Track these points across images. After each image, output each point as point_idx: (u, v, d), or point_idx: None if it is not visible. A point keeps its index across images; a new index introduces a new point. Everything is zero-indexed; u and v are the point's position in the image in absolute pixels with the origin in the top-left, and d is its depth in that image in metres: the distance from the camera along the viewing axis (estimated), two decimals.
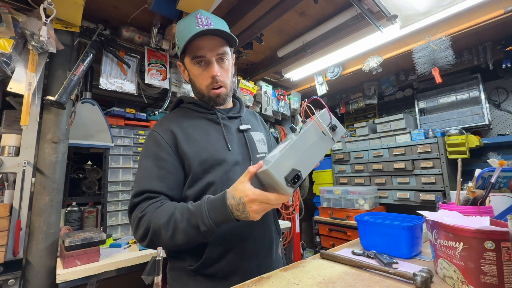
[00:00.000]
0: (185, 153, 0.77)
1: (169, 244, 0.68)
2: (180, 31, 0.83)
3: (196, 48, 0.80)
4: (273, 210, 0.93)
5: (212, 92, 0.84)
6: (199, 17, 0.80)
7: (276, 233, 0.92)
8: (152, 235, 0.69)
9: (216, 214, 0.65)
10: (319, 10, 1.73)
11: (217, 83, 0.83)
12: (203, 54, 0.80)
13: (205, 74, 0.82)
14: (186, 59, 0.85)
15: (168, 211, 0.69)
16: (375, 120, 2.69)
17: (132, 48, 1.76)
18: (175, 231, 0.67)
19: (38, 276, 1.24)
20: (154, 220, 0.68)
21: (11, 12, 1.26)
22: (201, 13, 0.82)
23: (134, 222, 0.72)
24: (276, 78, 2.64)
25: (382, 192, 2.48)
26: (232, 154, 0.82)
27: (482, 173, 0.77)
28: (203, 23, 0.79)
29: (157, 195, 0.74)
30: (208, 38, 0.80)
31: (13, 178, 1.25)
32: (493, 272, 0.53)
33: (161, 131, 0.81)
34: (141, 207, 0.72)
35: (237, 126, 0.90)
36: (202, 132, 0.83)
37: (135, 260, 1.34)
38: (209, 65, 0.82)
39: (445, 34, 1.81)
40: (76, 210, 1.67)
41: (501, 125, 2.33)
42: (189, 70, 0.86)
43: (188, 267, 0.76)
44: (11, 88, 1.23)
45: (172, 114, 0.89)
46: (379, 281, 0.65)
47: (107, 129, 1.66)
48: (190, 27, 0.79)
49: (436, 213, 0.71)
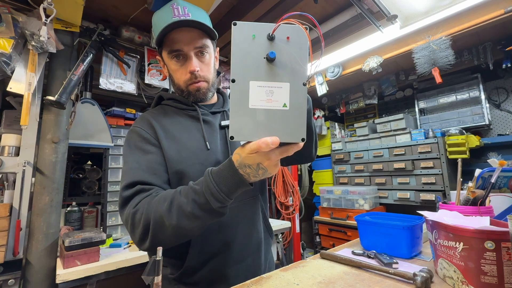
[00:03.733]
0: (166, 150, 0.72)
1: (176, 235, 0.59)
2: (155, 23, 0.77)
3: (172, 41, 0.74)
4: (262, 208, 0.86)
5: (191, 87, 0.78)
6: (175, 7, 0.74)
7: (266, 233, 0.86)
8: (154, 229, 0.59)
9: (227, 183, 0.55)
10: (319, 10, 1.73)
11: (197, 79, 0.77)
12: (179, 47, 0.74)
13: (183, 69, 0.77)
14: (163, 53, 0.79)
15: (167, 197, 0.60)
16: (375, 120, 2.69)
17: (132, 48, 1.76)
18: (180, 218, 0.57)
19: (38, 276, 1.24)
20: (154, 210, 0.59)
21: (11, 12, 1.26)
22: (178, 2, 0.76)
23: (129, 221, 0.62)
24: None
25: (382, 192, 2.48)
26: (211, 153, 0.76)
27: (482, 173, 0.77)
28: (180, 13, 0.73)
29: (150, 187, 0.66)
30: (185, 30, 0.73)
31: (13, 178, 1.25)
32: (493, 272, 0.53)
33: (143, 125, 0.76)
34: (133, 203, 0.63)
35: (219, 122, 0.83)
36: (182, 130, 0.77)
37: (135, 260, 1.34)
38: (187, 60, 0.76)
39: (445, 34, 1.81)
40: (76, 210, 1.66)
41: (501, 125, 2.33)
42: (168, 64, 0.79)
43: (170, 275, 0.72)
44: (11, 88, 1.23)
45: (153, 111, 0.84)
46: (379, 281, 0.65)
47: (107, 129, 1.66)
48: (166, 18, 0.73)
49: (436, 213, 0.71)
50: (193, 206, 0.57)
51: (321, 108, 3.34)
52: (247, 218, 0.79)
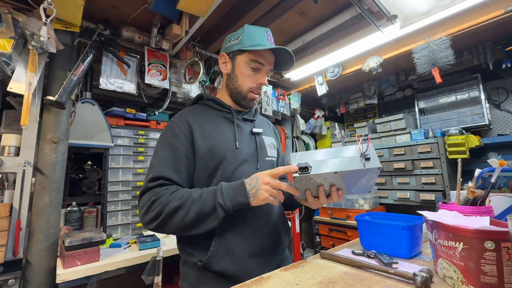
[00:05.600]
0: (199, 146, 0.83)
1: (180, 225, 0.72)
2: (250, 33, 0.90)
3: (261, 55, 0.89)
4: (281, 211, 0.98)
5: (251, 95, 0.92)
6: (268, 34, 0.92)
7: (284, 231, 0.95)
8: (165, 216, 0.72)
9: (234, 191, 0.73)
10: (319, 10, 1.73)
11: (259, 90, 0.93)
12: (263, 62, 0.90)
13: (254, 78, 0.90)
14: (242, 56, 0.90)
15: (184, 194, 0.75)
16: (375, 120, 2.69)
17: (132, 48, 1.76)
18: (189, 210, 0.72)
19: (38, 276, 1.24)
20: (171, 202, 0.73)
21: (11, 12, 1.26)
22: (270, 32, 0.94)
23: (146, 205, 0.75)
24: (276, 78, 2.64)
25: (382, 192, 2.48)
26: (240, 153, 0.87)
27: (482, 173, 0.77)
28: (270, 41, 0.92)
29: (171, 183, 0.79)
30: (270, 54, 0.92)
31: (13, 178, 1.25)
32: (493, 272, 0.53)
33: (179, 123, 0.86)
34: (155, 191, 0.76)
35: (251, 129, 0.96)
36: (216, 129, 0.88)
37: (135, 260, 1.34)
38: (261, 73, 0.91)
39: (445, 34, 1.81)
40: (76, 210, 1.66)
41: (501, 125, 2.33)
42: (239, 66, 0.91)
43: (199, 262, 0.79)
44: (11, 88, 1.23)
45: (191, 108, 0.94)
46: (379, 281, 0.65)
47: (107, 129, 1.66)
48: (262, 37, 0.90)
49: (436, 213, 0.71)
50: (202, 202, 0.73)
51: (321, 108, 3.34)
52: (268, 216, 0.89)
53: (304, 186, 0.73)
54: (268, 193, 0.71)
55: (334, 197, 0.74)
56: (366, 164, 0.67)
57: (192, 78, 1.99)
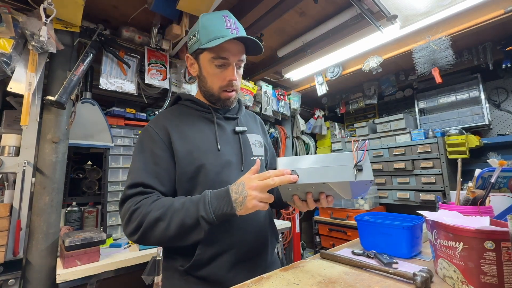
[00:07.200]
0: (177, 150, 0.78)
1: (162, 237, 0.67)
2: (205, 26, 0.80)
3: (222, 49, 0.79)
4: (269, 213, 0.93)
5: (224, 94, 0.85)
6: (227, 19, 0.81)
7: (271, 235, 0.91)
8: (146, 228, 0.67)
9: (218, 201, 0.65)
10: (319, 10, 1.73)
11: (232, 87, 0.84)
12: (227, 56, 0.80)
13: (222, 76, 0.82)
14: (204, 55, 0.82)
15: (165, 203, 0.69)
16: (375, 120, 2.69)
17: (132, 48, 1.76)
18: (170, 222, 0.66)
19: (38, 276, 1.24)
20: (151, 212, 0.67)
21: (11, 12, 1.26)
22: (229, 15, 0.83)
23: (126, 215, 0.70)
24: (276, 78, 2.64)
25: (382, 192, 2.48)
26: (222, 155, 0.81)
27: (482, 173, 0.77)
28: (231, 26, 0.80)
29: (151, 190, 0.74)
30: (235, 43, 0.80)
31: (13, 178, 1.24)
32: (493, 272, 0.53)
33: (156, 126, 0.81)
34: (135, 200, 0.71)
35: (233, 127, 0.89)
36: (195, 130, 0.83)
37: (135, 260, 1.34)
38: (228, 68, 0.82)
39: (445, 34, 1.81)
40: (76, 210, 1.66)
41: (501, 125, 2.33)
42: (204, 66, 0.84)
43: (180, 267, 0.75)
44: (11, 88, 1.23)
45: (169, 110, 0.89)
46: (379, 281, 0.65)
47: (107, 129, 1.66)
48: (219, 26, 0.79)
49: (436, 213, 0.71)
50: (185, 213, 0.66)
51: (321, 108, 3.34)
52: (256, 221, 0.84)
53: (291, 192, 0.70)
54: (256, 200, 0.63)
55: (323, 203, 0.70)
56: (357, 176, 0.62)
57: (192, 78, 2.00)
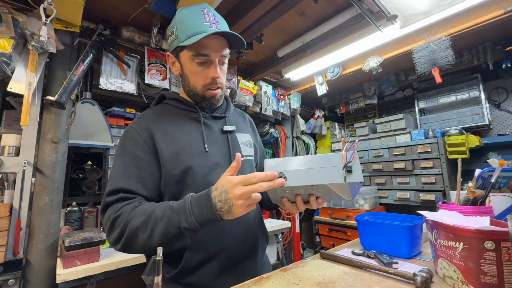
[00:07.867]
0: (162, 151, 0.73)
1: (146, 246, 0.63)
2: (182, 22, 0.76)
3: (202, 46, 0.74)
4: (259, 212, 0.90)
5: (208, 92, 0.80)
6: (206, 13, 0.76)
7: (261, 238, 0.87)
8: (127, 237, 0.63)
9: (200, 209, 0.60)
10: (319, 10, 1.73)
11: (216, 85, 0.80)
12: (208, 53, 0.75)
13: (205, 74, 0.78)
14: (184, 53, 0.78)
15: (146, 210, 0.64)
16: (375, 120, 2.69)
17: (132, 48, 1.76)
18: (153, 231, 0.62)
19: (38, 276, 1.24)
20: (132, 220, 0.63)
21: (11, 12, 1.26)
22: (208, 8, 0.78)
23: (108, 223, 0.66)
24: (276, 78, 2.64)
25: (382, 192, 2.48)
26: (210, 156, 0.78)
27: (482, 173, 0.77)
28: (210, 20, 0.75)
29: (133, 196, 0.69)
30: (215, 38, 0.76)
31: (13, 178, 1.25)
32: (493, 272, 0.53)
33: (138, 127, 0.76)
34: (115, 207, 0.67)
35: (221, 127, 0.86)
36: (181, 131, 0.78)
37: (135, 260, 1.34)
38: (211, 65, 0.78)
39: (445, 34, 1.81)
40: (76, 210, 1.66)
41: (501, 125, 2.33)
42: (185, 65, 0.80)
43: (166, 274, 0.72)
44: (11, 88, 1.23)
45: (152, 110, 0.84)
46: (379, 281, 0.65)
47: (107, 129, 1.66)
48: (197, 21, 0.74)
49: (436, 213, 0.71)
50: (167, 223, 0.61)
51: (321, 108, 3.34)
52: (245, 223, 0.81)
53: (279, 195, 0.68)
54: (243, 208, 0.59)
55: (313, 205, 0.68)
56: (347, 177, 0.60)
57: None
